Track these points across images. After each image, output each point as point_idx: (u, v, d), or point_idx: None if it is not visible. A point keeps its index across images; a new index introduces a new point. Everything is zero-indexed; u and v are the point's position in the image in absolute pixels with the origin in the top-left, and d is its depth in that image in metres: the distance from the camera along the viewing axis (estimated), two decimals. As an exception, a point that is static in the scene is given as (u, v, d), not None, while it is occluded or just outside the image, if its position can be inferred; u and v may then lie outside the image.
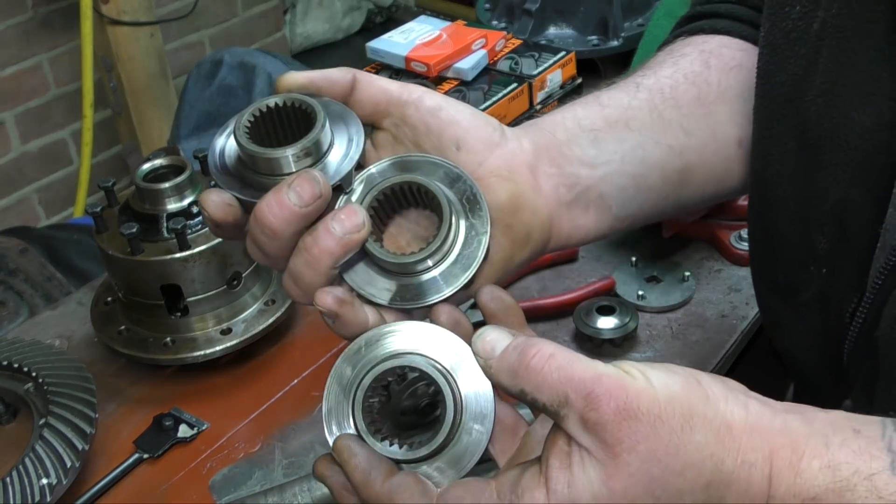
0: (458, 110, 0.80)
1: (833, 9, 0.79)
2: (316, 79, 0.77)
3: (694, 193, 0.92)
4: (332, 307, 0.71)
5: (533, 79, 1.65)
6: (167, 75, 3.52)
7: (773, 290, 0.95)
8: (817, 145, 0.82)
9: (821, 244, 0.84)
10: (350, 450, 0.68)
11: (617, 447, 0.60)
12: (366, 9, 4.89)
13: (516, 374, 0.63)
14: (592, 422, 0.60)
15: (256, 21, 4.13)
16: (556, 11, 1.88)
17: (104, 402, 1.29)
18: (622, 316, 1.31)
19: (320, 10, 4.68)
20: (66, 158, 3.57)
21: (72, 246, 2.05)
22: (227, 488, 1.17)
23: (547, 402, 0.62)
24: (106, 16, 3.27)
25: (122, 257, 1.25)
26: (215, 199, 0.74)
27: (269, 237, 0.72)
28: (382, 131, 0.80)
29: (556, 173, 0.83)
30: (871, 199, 0.78)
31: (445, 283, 0.75)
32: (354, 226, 0.72)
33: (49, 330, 1.45)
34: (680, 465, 0.60)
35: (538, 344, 0.64)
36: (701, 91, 0.92)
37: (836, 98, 0.79)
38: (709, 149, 0.91)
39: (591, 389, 0.61)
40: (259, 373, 1.34)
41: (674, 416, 0.60)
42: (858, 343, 0.82)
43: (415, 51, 1.67)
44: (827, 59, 0.80)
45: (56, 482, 1.09)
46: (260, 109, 0.75)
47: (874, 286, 0.79)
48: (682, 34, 1.02)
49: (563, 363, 0.62)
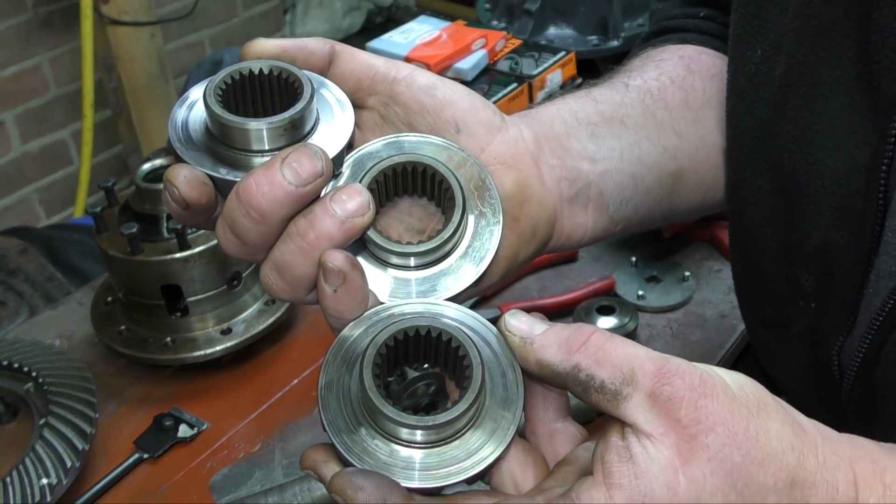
0: (453, 89, 0.73)
1: (799, 56, 0.78)
2: (290, 47, 0.69)
3: (684, 200, 0.91)
4: (344, 265, 0.62)
5: (533, 79, 1.65)
6: (167, 75, 3.52)
7: (763, 323, 0.93)
8: (793, 190, 0.80)
9: (807, 282, 0.82)
10: (354, 484, 0.57)
11: (693, 427, 0.54)
12: (366, 9, 4.89)
13: (571, 348, 0.57)
14: (665, 397, 0.54)
15: (256, 21, 4.13)
16: (556, 11, 1.88)
17: (104, 402, 1.29)
18: (622, 316, 1.31)
19: (320, 10, 4.68)
20: (66, 158, 3.57)
21: (72, 246, 2.05)
22: (227, 488, 1.17)
23: (607, 379, 0.56)
24: (106, 16, 3.27)
25: (122, 257, 1.25)
26: (187, 175, 0.63)
27: (255, 221, 0.62)
28: (367, 110, 0.72)
29: (559, 166, 0.78)
30: (853, 241, 0.77)
31: (454, 279, 0.67)
32: (359, 207, 0.62)
33: (49, 330, 1.45)
34: (761, 455, 0.55)
35: (589, 326, 0.59)
36: (688, 95, 0.90)
37: (809, 144, 0.78)
38: (700, 154, 0.90)
39: (661, 366, 0.55)
40: (259, 373, 1.34)
41: (747, 400, 0.56)
42: (857, 383, 0.81)
43: (415, 51, 1.67)
44: (796, 105, 0.78)
45: (56, 482, 1.09)
46: (233, 76, 0.65)
47: (871, 328, 0.77)
48: (650, 45, 0.99)
49: (627, 344, 0.57)
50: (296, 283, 0.64)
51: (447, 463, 0.60)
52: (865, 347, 0.78)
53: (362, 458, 0.59)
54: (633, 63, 0.94)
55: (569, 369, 0.57)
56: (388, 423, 0.59)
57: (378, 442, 0.60)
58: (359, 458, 0.59)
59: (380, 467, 0.59)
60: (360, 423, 0.61)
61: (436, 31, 1.72)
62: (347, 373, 0.62)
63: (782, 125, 0.80)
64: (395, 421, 0.59)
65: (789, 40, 0.79)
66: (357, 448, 0.60)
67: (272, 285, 0.65)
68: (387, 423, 0.59)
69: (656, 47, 0.98)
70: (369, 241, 0.66)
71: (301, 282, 0.64)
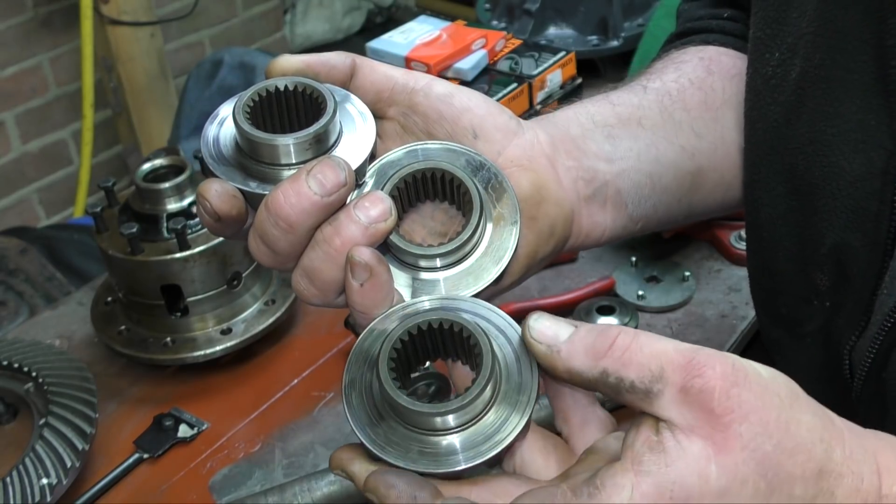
0: (469, 97, 0.75)
1: (815, 60, 0.78)
2: (313, 63, 0.72)
3: (704, 199, 0.92)
4: (371, 259, 0.64)
5: (533, 79, 1.65)
6: (167, 75, 3.52)
7: (777, 321, 0.94)
8: (808, 192, 0.81)
9: (822, 282, 0.82)
10: (386, 482, 0.60)
11: (727, 416, 0.54)
12: (366, 9, 4.89)
13: (598, 354, 0.58)
14: (697, 389, 0.55)
15: (256, 21, 4.14)
16: (556, 11, 1.88)
17: (104, 402, 1.29)
18: (622, 316, 1.31)
19: (320, 10, 4.68)
20: (66, 158, 3.57)
21: (72, 246, 2.05)
22: (227, 488, 1.17)
23: (636, 379, 0.56)
24: (106, 16, 3.27)
25: (122, 257, 1.25)
26: (218, 189, 0.67)
27: (284, 231, 0.65)
28: (388, 121, 0.75)
29: (575, 166, 0.80)
30: (868, 243, 0.77)
31: (474, 278, 0.69)
32: (381, 213, 0.65)
33: (49, 330, 1.45)
34: (792, 445, 0.55)
35: (617, 326, 0.58)
36: (707, 96, 0.91)
37: (824, 147, 0.79)
38: (719, 153, 0.91)
39: (690, 358, 0.56)
40: (259, 373, 1.35)
41: (780, 390, 0.56)
42: (867, 383, 0.82)
43: (415, 51, 1.67)
44: (811, 108, 0.79)
45: (56, 482, 1.09)
46: (260, 93, 0.69)
47: (882, 329, 0.78)
48: (674, 47, 1.01)
49: (653, 340, 0.57)
50: (325, 288, 0.67)
51: (472, 444, 0.61)
52: (876, 348, 0.79)
53: (385, 449, 0.61)
54: (655, 66, 0.96)
55: (597, 375, 0.58)
56: (410, 415, 0.61)
57: (401, 432, 0.62)
58: (381, 450, 0.61)
59: (402, 456, 0.61)
60: (382, 418, 0.63)
61: (436, 31, 1.72)
62: (369, 371, 0.65)
63: (797, 127, 0.81)
64: (413, 412, 0.60)
65: (805, 44, 0.80)
66: (381, 440, 0.62)
67: (304, 291, 0.68)
68: (408, 416, 0.61)
69: (679, 49, 0.99)
70: (392, 245, 0.68)
71: (330, 286, 0.67)
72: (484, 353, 0.62)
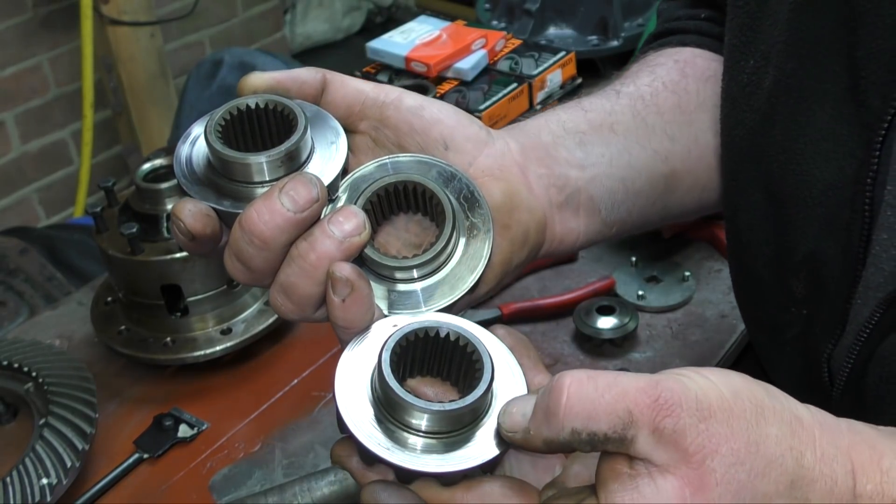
0: (440, 109, 0.76)
1: (787, 68, 0.79)
2: (283, 80, 0.72)
3: (680, 201, 0.92)
4: (352, 275, 0.64)
5: (533, 79, 1.65)
6: (167, 75, 3.52)
7: (759, 327, 0.94)
8: (782, 199, 0.81)
9: (798, 289, 0.83)
10: (374, 493, 0.61)
11: (699, 454, 0.54)
12: (366, 9, 4.89)
13: (555, 415, 0.56)
14: (670, 430, 0.54)
15: (256, 21, 4.13)
16: (556, 11, 1.88)
17: (104, 402, 1.29)
18: (622, 316, 1.31)
19: (320, 10, 4.68)
20: (66, 158, 3.57)
21: (72, 246, 2.05)
22: (227, 488, 1.17)
23: (608, 430, 0.54)
24: (106, 16, 3.27)
25: (122, 257, 1.25)
26: (192, 209, 0.67)
27: (258, 248, 0.65)
28: (360, 135, 0.75)
29: (546, 174, 0.80)
30: (841, 251, 0.78)
31: (450, 287, 0.70)
32: (355, 227, 0.66)
33: (49, 330, 1.45)
34: (763, 464, 0.55)
35: (565, 375, 0.56)
36: (681, 99, 0.92)
37: (797, 155, 0.79)
38: (693, 155, 0.91)
39: (656, 395, 0.54)
40: (259, 373, 1.35)
41: (745, 409, 0.56)
42: (847, 392, 0.82)
43: (415, 51, 1.67)
44: (784, 117, 0.80)
45: (56, 482, 1.09)
46: (231, 112, 0.69)
47: (859, 339, 0.78)
48: (651, 49, 1.01)
49: (610, 382, 0.55)
50: (302, 303, 0.67)
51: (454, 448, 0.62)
52: (854, 357, 0.79)
53: (379, 447, 0.62)
54: (630, 69, 0.96)
55: (567, 438, 0.56)
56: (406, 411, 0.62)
57: (394, 430, 0.62)
58: (376, 446, 0.62)
59: (392, 449, 0.62)
60: (379, 419, 0.63)
61: (436, 31, 1.72)
62: (363, 375, 0.65)
63: (771, 135, 0.81)
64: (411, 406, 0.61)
65: (778, 52, 0.80)
66: (374, 440, 0.62)
67: (281, 307, 0.68)
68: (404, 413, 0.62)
69: (655, 51, 0.99)
70: (367, 258, 0.69)
71: (307, 301, 0.67)
72: (482, 355, 0.63)
